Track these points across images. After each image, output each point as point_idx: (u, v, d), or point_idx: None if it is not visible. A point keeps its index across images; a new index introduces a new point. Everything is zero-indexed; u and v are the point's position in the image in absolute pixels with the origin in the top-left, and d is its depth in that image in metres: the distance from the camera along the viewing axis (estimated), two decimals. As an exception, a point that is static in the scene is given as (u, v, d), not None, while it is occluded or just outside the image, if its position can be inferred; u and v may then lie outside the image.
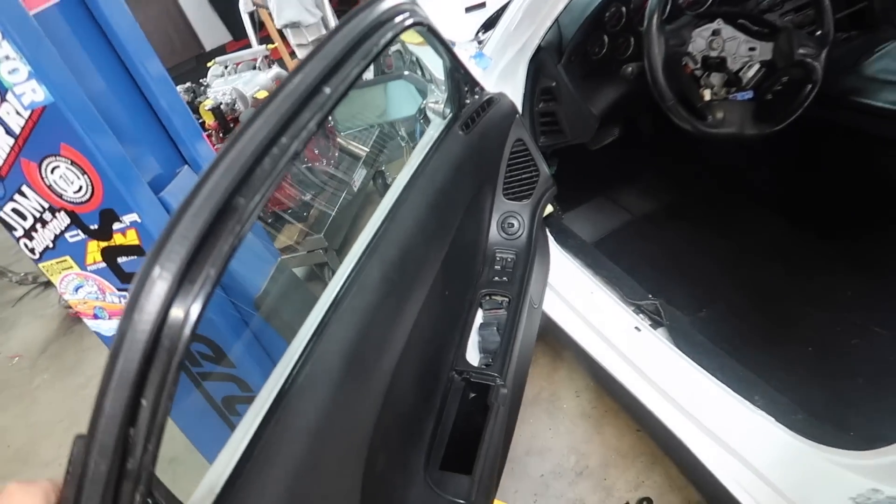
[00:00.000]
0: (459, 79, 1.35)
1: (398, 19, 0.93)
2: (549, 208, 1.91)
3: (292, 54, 3.83)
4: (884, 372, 1.39)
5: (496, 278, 1.46)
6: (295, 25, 3.45)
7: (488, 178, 1.49)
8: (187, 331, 0.50)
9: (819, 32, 1.43)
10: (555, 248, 1.80)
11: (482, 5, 2.04)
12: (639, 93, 1.57)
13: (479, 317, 1.42)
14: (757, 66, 1.47)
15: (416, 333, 1.13)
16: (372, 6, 0.92)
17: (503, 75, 1.68)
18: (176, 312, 0.50)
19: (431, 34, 1.14)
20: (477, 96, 1.43)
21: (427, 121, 1.54)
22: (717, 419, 1.28)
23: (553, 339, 1.92)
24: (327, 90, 0.76)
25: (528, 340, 1.48)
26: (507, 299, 1.43)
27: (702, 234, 1.86)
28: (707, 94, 1.47)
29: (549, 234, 1.80)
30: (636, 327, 1.54)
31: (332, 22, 3.36)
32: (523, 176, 1.53)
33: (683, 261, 1.82)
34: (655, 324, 1.54)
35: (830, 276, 1.62)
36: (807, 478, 1.07)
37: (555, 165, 1.92)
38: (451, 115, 1.37)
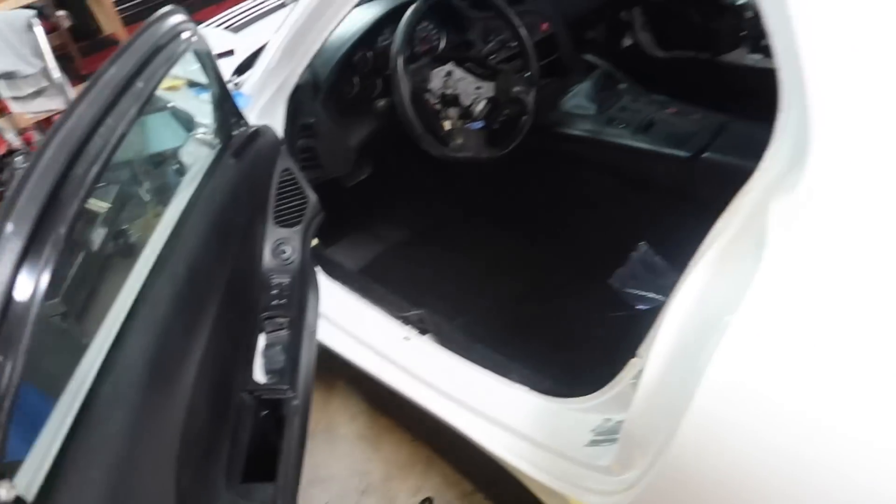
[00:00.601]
0: (228, 110, 1.42)
1: (184, 37, 0.99)
2: (314, 241, 2.02)
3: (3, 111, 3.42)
4: (590, 338, 1.73)
5: (275, 302, 1.52)
6: (9, 77, 3.12)
7: (259, 206, 1.56)
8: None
9: (528, 75, 1.77)
10: (322, 278, 1.89)
11: (230, 52, 2.12)
12: (390, 126, 1.77)
13: (262, 340, 1.46)
14: (484, 102, 1.77)
15: (206, 358, 1.15)
16: (154, 26, 0.97)
17: (263, 113, 1.76)
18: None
19: (208, 59, 1.21)
20: (244, 128, 1.51)
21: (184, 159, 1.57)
22: (483, 399, 1.48)
23: (324, 370, 2.01)
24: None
25: (311, 357, 1.56)
26: (287, 319, 1.49)
27: (451, 252, 2.12)
28: (447, 125, 1.72)
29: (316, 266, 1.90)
30: (405, 337, 1.70)
31: (56, 73, 3.11)
32: (292, 203, 1.63)
33: (439, 277, 2.04)
34: (422, 331, 1.71)
35: (555, 277, 1.95)
36: (559, 426, 1.30)
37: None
38: (221, 144, 1.43)
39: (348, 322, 1.81)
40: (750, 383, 0.70)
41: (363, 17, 1.85)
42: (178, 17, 1.09)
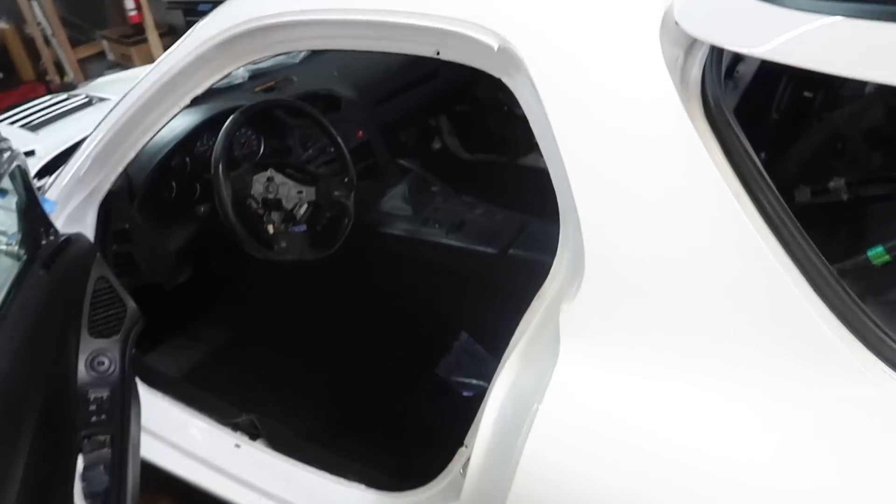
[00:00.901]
0: (35, 218, 1.36)
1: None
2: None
3: None
4: (423, 428, 1.81)
5: (94, 418, 1.43)
6: None
7: (73, 317, 1.48)
8: None
9: (346, 179, 1.89)
10: (143, 389, 1.81)
11: (31, 153, 2.02)
12: (212, 230, 1.79)
13: (80, 462, 1.36)
14: (306, 206, 1.85)
15: (23, 488, 1.07)
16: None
17: (70, 219, 1.70)
18: None
19: (19, 170, 1.17)
20: (52, 237, 1.45)
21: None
22: (320, 501, 1.49)
23: (145, 489, 1.89)
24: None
25: (136, 474, 1.48)
26: (108, 436, 1.41)
27: (277, 352, 2.12)
28: (271, 228, 1.78)
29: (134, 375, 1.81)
30: (236, 444, 1.67)
31: None
32: (110, 312, 1.56)
33: (267, 378, 2.03)
34: (253, 437, 1.69)
35: (383, 370, 2.03)
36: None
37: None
38: (26, 256, 1.35)
39: (173, 434, 1.74)
40: (559, 460, 0.82)
41: (181, 123, 1.87)
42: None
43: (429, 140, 2.78)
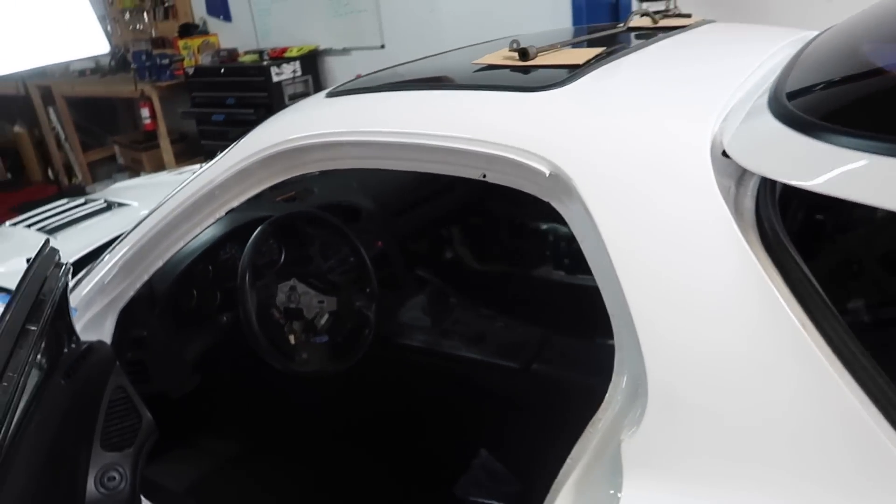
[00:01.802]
0: (61, 326, 1.34)
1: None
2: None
3: None
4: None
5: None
6: None
7: (87, 429, 1.43)
8: None
9: (368, 290, 1.89)
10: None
11: (50, 257, 2.02)
12: (231, 340, 1.77)
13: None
14: (327, 316, 1.84)
15: None
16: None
17: (89, 325, 1.68)
18: None
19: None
20: (74, 345, 1.42)
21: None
22: None
23: None
24: None
25: None
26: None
27: (287, 468, 2.04)
28: (293, 339, 1.76)
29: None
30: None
31: None
32: (125, 424, 1.51)
33: (278, 497, 1.95)
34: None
35: (398, 491, 1.96)
36: None
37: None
38: (48, 364, 1.33)
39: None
40: None
41: (206, 232, 1.89)
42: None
43: (441, 250, 2.81)
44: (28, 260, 1.34)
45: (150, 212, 1.57)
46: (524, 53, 1.28)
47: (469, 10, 4.29)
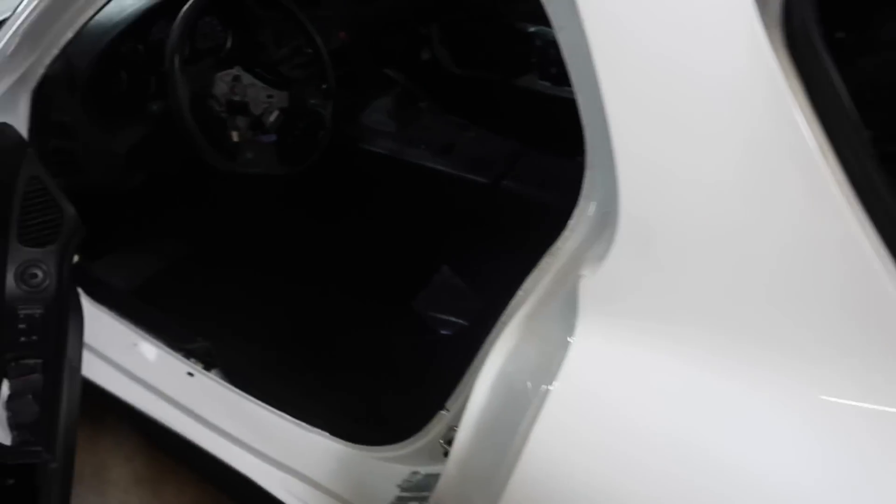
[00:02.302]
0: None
1: None
2: (76, 257, 1.74)
3: None
4: (396, 367, 1.70)
5: (23, 339, 1.27)
6: None
7: (-2, 223, 1.29)
8: None
9: (325, 86, 1.67)
10: (87, 302, 1.64)
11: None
12: (167, 131, 1.57)
13: (5, 388, 1.21)
14: (277, 112, 1.64)
15: None
16: None
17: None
18: None
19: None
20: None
21: None
22: (277, 445, 1.37)
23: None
24: None
25: (73, 404, 1.33)
26: (40, 361, 1.25)
27: (238, 272, 1.95)
28: (235, 136, 1.57)
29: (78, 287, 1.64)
30: (189, 372, 1.53)
31: None
32: (45, 219, 1.37)
33: (226, 300, 1.87)
34: (208, 365, 1.55)
35: (354, 300, 1.89)
36: (361, 478, 1.24)
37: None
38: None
39: (120, 355, 1.59)
40: (573, 455, 0.69)
41: (133, 3, 1.63)
42: None
43: (417, 49, 2.53)
44: None
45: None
46: None
47: None
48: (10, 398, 1.19)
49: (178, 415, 1.49)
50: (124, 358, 1.58)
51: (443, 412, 1.05)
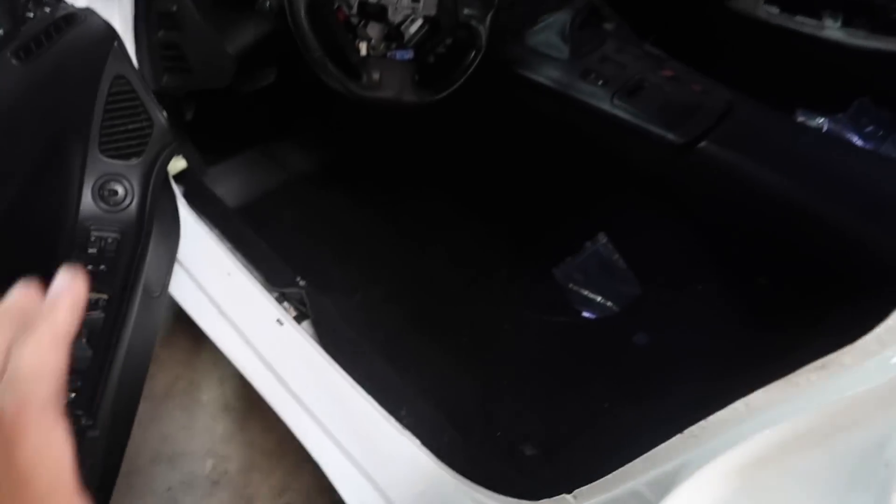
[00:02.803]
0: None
1: None
2: (183, 163, 1.56)
3: None
4: (530, 364, 1.39)
5: (90, 267, 1.09)
6: None
7: (73, 127, 1.09)
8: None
9: (487, -7, 1.30)
10: (188, 215, 1.46)
11: None
12: (284, 33, 1.29)
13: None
14: (420, 22, 1.31)
15: None
16: None
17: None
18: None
19: None
20: (48, 9, 1.01)
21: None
22: (358, 440, 1.13)
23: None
24: None
25: (145, 343, 1.17)
26: (104, 297, 1.08)
27: (362, 201, 1.70)
28: (363, 48, 1.26)
29: (181, 197, 1.46)
30: (278, 320, 1.32)
31: None
32: (130, 126, 1.16)
33: (342, 232, 1.64)
34: (300, 315, 1.33)
35: (487, 255, 1.58)
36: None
37: (192, 109, 1.56)
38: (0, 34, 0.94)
39: (209, 281, 1.41)
40: None
41: None
42: None
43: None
44: None
45: None
46: None
47: None
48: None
49: (258, 366, 1.29)
50: (214, 286, 1.39)
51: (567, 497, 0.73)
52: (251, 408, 1.70)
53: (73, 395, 0.98)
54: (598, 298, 1.51)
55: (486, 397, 1.34)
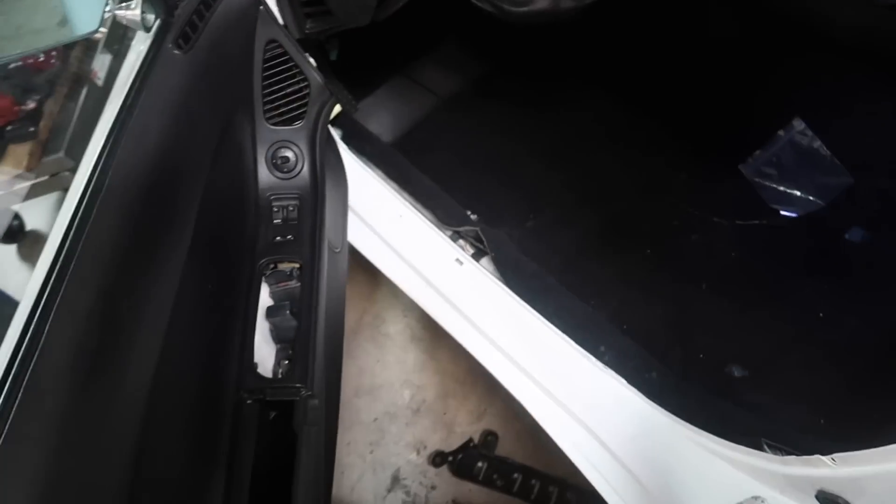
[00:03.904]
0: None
1: None
2: (338, 106, 1.55)
3: None
4: (724, 275, 1.29)
5: (278, 238, 1.13)
6: None
7: (240, 103, 1.10)
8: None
9: None
10: (350, 159, 1.46)
11: None
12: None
13: (266, 295, 1.10)
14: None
15: (176, 344, 0.81)
16: None
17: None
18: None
19: None
20: (194, -10, 0.99)
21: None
22: (559, 381, 1.11)
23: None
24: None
25: (338, 299, 1.21)
26: (297, 266, 1.11)
27: (518, 117, 1.62)
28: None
29: (340, 140, 1.46)
30: (457, 259, 1.30)
31: None
32: (289, 90, 1.16)
33: (502, 154, 1.57)
34: (478, 252, 1.31)
35: (662, 160, 1.46)
36: (664, 462, 0.94)
37: (335, 49, 1.53)
38: (157, 24, 0.94)
39: (382, 226, 1.42)
40: None
41: None
42: None
43: None
44: None
45: None
46: None
47: None
48: (270, 311, 1.07)
49: (446, 309, 1.30)
50: (388, 231, 1.40)
51: (820, 459, 0.67)
52: (437, 337, 1.75)
53: (287, 364, 1.04)
54: (798, 193, 1.35)
55: (679, 317, 1.27)
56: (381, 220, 1.41)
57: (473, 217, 1.36)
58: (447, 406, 1.66)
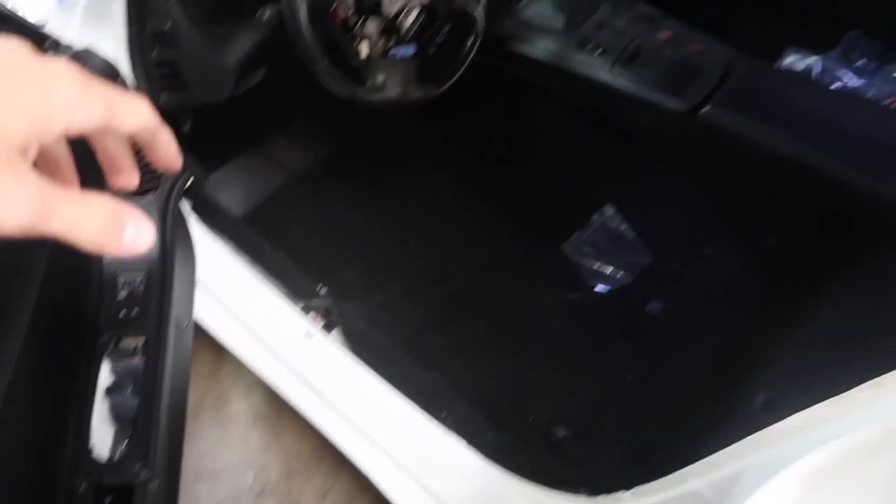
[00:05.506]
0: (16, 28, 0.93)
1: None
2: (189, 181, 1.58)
3: None
4: (551, 344, 1.46)
5: (122, 313, 1.12)
6: None
7: (87, 174, 1.10)
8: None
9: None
10: (200, 231, 1.49)
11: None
12: (281, 42, 1.29)
13: (106, 375, 1.08)
14: (416, 11, 1.31)
15: (9, 418, 0.79)
16: None
17: (90, 13, 1.26)
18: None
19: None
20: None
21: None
22: (404, 446, 1.19)
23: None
24: None
25: (182, 376, 1.20)
26: (141, 341, 1.11)
27: (366, 196, 1.73)
28: (365, 49, 1.27)
29: (191, 211, 1.48)
30: (307, 333, 1.36)
31: None
32: (143, 162, 1.18)
33: (351, 229, 1.67)
34: (328, 326, 1.37)
35: (496, 240, 1.63)
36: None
37: (188, 122, 1.57)
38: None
39: (232, 301, 1.44)
40: None
41: None
42: None
43: None
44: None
45: None
46: None
47: None
48: (110, 390, 1.06)
49: (292, 380, 1.34)
50: (238, 305, 1.43)
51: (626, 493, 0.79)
52: (281, 414, 1.76)
53: (126, 444, 1.02)
54: (609, 270, 1.56)
55: (513, 382, 1.40)
56: (231, 293, 1.44)
57: (324, 291, 1.42)
58: (292, 486, 1.66)
